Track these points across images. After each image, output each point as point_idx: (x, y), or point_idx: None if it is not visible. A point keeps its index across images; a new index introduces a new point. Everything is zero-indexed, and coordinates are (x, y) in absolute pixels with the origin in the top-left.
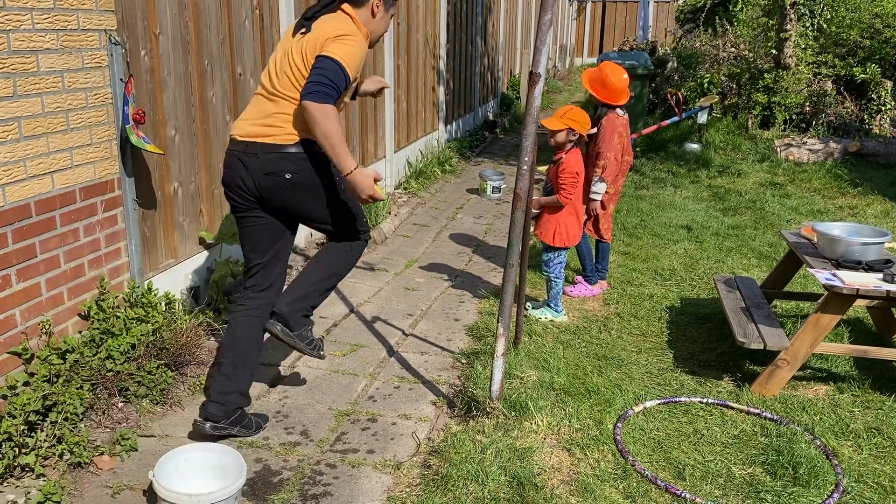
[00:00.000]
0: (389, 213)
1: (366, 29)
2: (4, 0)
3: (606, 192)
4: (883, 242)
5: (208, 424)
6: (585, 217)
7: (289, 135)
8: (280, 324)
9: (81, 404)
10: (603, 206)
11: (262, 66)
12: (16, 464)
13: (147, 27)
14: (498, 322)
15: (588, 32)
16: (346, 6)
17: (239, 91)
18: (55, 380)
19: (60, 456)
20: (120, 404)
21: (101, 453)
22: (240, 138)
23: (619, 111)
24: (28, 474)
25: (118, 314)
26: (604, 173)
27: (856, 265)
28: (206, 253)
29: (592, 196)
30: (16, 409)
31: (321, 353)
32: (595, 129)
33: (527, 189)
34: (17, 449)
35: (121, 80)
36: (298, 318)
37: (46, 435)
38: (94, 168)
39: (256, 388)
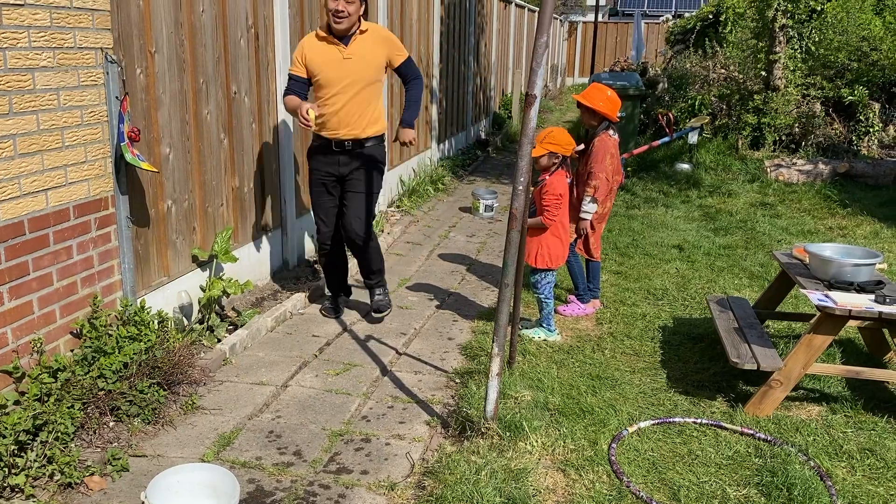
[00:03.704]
0: (382, 231)
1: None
2: (1, 18)
3: (596, 212)
4: (874, 264)
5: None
6: (575, 237)
7: None
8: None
9: (72, 424)
10: (592, 226)
11: (256, 85)
12: (5, 484)
13: (143, 45)
14: (493, 342)
15: (579, 52)
16: None
17: (234, 109)
18: (46, 399)
19: (51, 476)
20: (111, 424)
21: (92, 473)
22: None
23: (611, 132)
24: (18, 495)
25: (110, 332)
26: (595, 193)
27: (848, 286)
28: (199, 271)
29: (583, 216)
30: (6, 428)
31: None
32: (581, 147)
33: (522, 209)
34: (6, 469)
35: (116, 97)
36: None
37: (37, 455)
38: (88, 186)
39: (248, 408)
